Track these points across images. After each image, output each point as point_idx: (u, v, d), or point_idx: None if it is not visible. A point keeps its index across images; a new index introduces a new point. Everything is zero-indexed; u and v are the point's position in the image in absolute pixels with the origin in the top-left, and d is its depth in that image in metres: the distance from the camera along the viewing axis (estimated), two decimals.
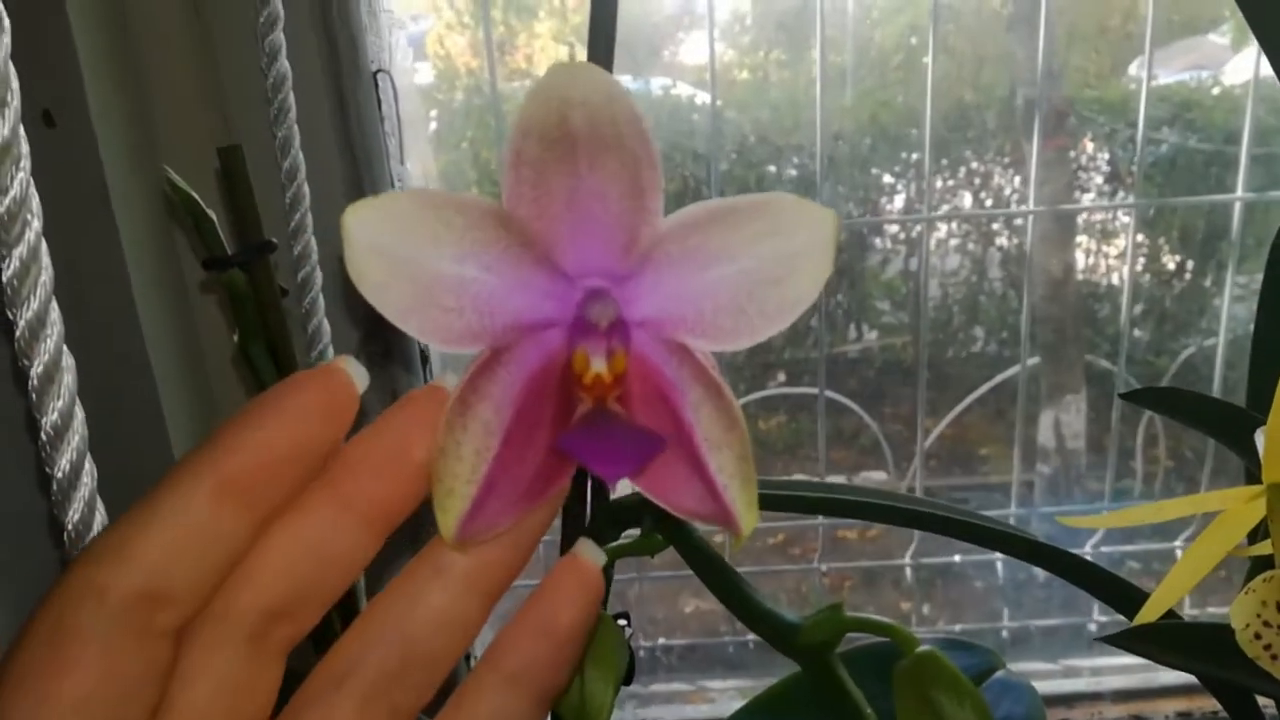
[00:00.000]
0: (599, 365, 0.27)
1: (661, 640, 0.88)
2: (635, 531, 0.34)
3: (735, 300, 0.27)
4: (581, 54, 0.25)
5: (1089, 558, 0.57)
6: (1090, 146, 0.87)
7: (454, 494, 0.27)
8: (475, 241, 0.26)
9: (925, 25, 0.78)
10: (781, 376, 0.93)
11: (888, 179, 0.89)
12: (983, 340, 0.93)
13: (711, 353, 0.28)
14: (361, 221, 0.26)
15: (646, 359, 0.28)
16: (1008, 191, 0.89)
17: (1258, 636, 0.31)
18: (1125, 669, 0.85)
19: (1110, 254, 0.91)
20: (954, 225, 0.91)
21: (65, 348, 0.29)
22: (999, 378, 0.89)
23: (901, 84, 0.85)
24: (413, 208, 0.26)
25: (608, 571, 0.42)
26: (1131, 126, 0.82)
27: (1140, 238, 0.86)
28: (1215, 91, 0.85)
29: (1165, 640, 0.33)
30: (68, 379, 0.29)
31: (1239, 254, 0.82)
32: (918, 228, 0.89)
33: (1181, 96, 0.84)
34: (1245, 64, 0.83)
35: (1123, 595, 0.39)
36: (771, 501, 0.37)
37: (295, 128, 0.47)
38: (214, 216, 0.37)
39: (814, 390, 0.87)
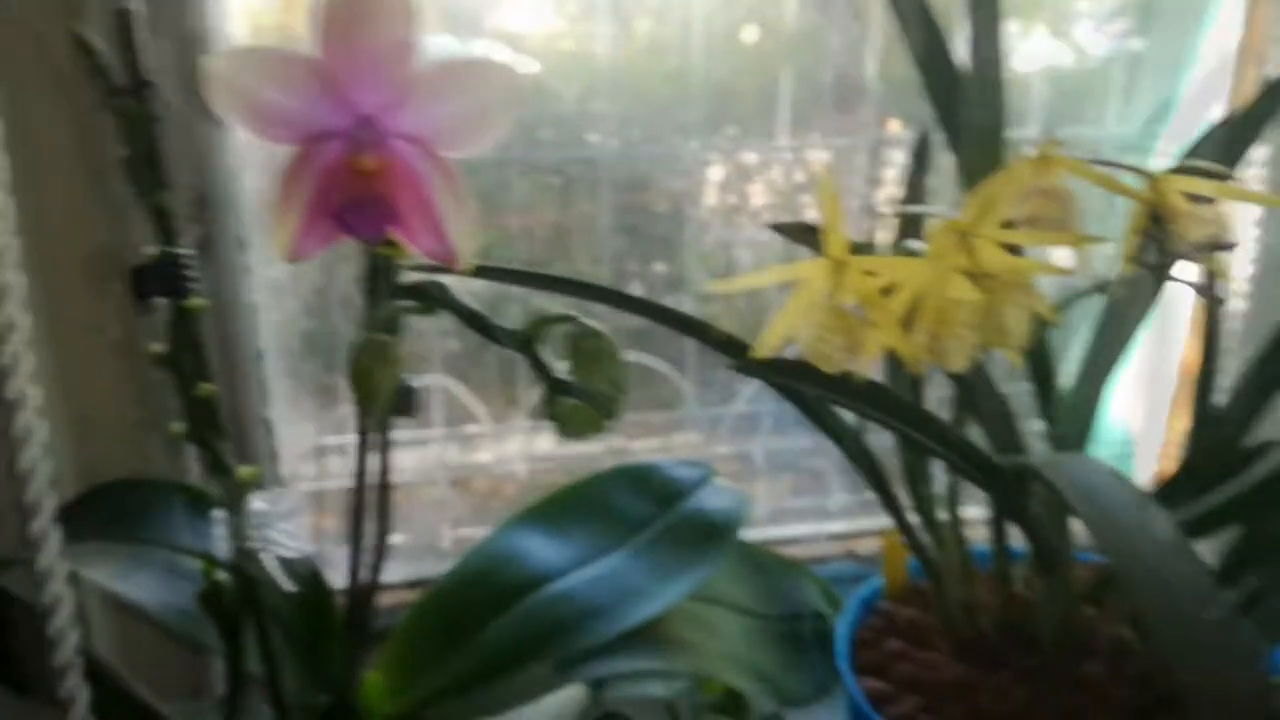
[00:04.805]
0: (369, 163, 0.42)
1: None
2: None
3: (462, 125, 0.43)
4: None
5: None
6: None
7: (283, 227, 0.43)
8: (289, 80, 0.41)
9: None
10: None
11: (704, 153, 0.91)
12: None
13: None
14: (221, 66, 0.40)
15: (406, 159, 0.43)
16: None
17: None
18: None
19: None
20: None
21: None
22: None
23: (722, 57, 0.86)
24: (254, 59, 0.41)
25: None
26: None
27: None
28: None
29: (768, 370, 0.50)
30: None
31: None
32: (732, 200, 0.90)
33: None
34: (1030, 51, 0.89)
35: None
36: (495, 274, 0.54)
37: None
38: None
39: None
